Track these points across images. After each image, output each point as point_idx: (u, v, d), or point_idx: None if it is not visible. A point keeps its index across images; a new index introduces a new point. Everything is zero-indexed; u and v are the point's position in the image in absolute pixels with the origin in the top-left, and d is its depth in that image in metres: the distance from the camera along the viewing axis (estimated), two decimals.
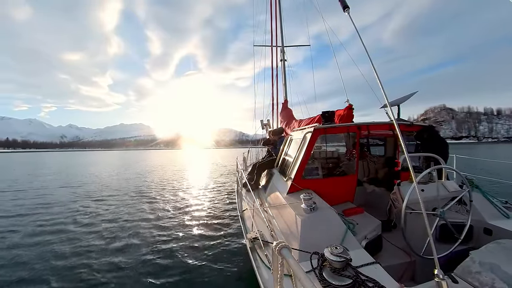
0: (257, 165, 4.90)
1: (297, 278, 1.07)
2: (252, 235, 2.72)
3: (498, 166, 15.75)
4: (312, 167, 3.55)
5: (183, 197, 9.65)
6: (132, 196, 9.69)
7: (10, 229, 5.95)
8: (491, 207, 2.78)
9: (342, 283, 1.45)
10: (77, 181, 14.28)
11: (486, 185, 3.53)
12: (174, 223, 6.34)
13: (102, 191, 11.01)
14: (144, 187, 11.91)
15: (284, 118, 7.18)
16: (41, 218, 6.83)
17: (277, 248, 1.29)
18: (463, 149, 40.01)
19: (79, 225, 6.15)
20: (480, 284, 1.51)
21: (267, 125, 8.63)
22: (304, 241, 2.19)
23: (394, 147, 4.03)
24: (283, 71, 8.85)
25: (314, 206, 2.48)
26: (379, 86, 1.58)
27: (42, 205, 8.39)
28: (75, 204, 8.45)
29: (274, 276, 1.41)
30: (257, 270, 2.19)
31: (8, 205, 8.44)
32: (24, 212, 7.54)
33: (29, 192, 11.04)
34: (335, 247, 1.53)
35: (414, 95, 3.89)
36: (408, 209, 2.13)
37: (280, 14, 9.15)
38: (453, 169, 2.48)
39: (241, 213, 3.79)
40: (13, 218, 6.87)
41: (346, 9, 2.02)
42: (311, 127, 3.34)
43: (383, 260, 2.28)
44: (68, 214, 7.18)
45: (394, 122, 1.59)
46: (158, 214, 7.07)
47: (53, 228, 5.96)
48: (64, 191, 11.01)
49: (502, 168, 14.80)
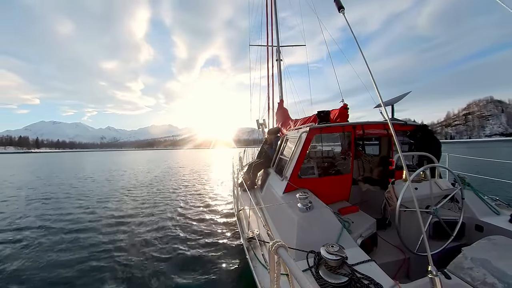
0: (253, 165, 4.90)
1: (294, 277, 1.07)
2: (249, 235, 2.72)
3: (498, 166, 15.51)
4: (307, 167, 3.56)
5: (190, 195, 9.80)
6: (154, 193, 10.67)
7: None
8: (482, 204, 2.84)
9: (338, 281, 1.46)
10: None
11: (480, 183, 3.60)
12: (173, 222, 6.31)
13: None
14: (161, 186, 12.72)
15: (280, 117, 7.20)
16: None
17: (274, 248, 1.29)
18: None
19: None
20: (472, 279, 1.55)
21: (263, 124, 8.64)
22: (300, 240, 2.20)
23: (388, 146, 4.08)
24: (279, 71, 8.88)
25: (310, 205, 2.49)
26: (378, 86, 1.60)
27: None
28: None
29: (271, 275, 1.41)
30: (254, 270, 2.19)
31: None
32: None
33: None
34: (331, 245, 1.54)
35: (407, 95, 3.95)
36: (402, 207, 2.16)
37: (276, 14, 9.17)
38: (445, 167, 2.53)
39: (237, 213, 3.79)
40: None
41: (341, 9, 2.03)
42: (307, 127, 3.35)
43: (378, 258, 2.31)
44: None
45: (388, 122, 1.61)
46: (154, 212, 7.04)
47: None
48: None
49: (502, 168, 14.66)
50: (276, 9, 9.20)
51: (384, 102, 1.66)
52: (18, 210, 7.87)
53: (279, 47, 8.95)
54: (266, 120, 8.77)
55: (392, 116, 3.92)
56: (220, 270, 3.92)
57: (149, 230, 5.78)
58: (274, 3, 9.21)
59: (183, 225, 6.16)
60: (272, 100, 8.95)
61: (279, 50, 8.93)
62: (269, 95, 9.02)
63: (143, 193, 10.64)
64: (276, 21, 9.14)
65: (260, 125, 8.64)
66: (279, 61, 8.86)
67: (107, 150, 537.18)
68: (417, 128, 3.58)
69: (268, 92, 9.06)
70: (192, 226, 6.03)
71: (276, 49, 8.94)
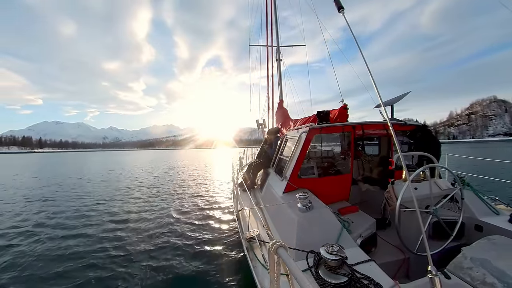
0: (253, 165, 4.90)
1: (294, 277, 1.07)
2: (249, 235, 2.73)
3: (498, 166, 15.45)
4: (307, 167, 3.57)
5: (186, 194, 9.80)
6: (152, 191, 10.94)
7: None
8: (482, 204, 2.84)
9: (338, 281, 1.46)
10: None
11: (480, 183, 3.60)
12: (173, 222, 6.31)
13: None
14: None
15: (280, 118, 7.20)
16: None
17: (274, 248, 1.29)
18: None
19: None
20: (472, 279, 1.55)
21: (262, 124, 8.64)
22: (300, 240, 2.20)
23: (388, 146, 4.09)
24: (278, 71, 8.88)
25: (310, 205, 2.49)
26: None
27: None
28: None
29: (271, 275, 1.41)
30: (253, 270, 2.19)
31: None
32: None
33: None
34: (331, 245, 1.54)
35: (407, 95, 3.95)
36: (402, 207, 2.16)
37: (275, 14, 9.17)
38: (445, 167, 2.53)
39: (237, 213, 3.79)
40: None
41: (341, 10, 2.04)
42: (307, 127, 3.35)
43: (378, 258, 2.31)
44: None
45: (388, 122, 1.61)
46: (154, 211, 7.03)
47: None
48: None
49: (502, 168, 14.57)
50: (276, 9, 9.21)
51: (383, 102, 1.67)
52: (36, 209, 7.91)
53: (278, 47, 8.96)
54: (266, 120, 8.78)
55: (392, 116, 3.92)
56: (219, 270, 3.92)
57: (149, 230, 5.78)
58: (274, 3, 9.22)
59: (183, 225, 6.15)
60: (272, 100, 8.96)
61: (278, 50, 8.93)
62: (269, 95, 9.04)
63: (143, 193, 10.64)
64: (276, 21, 9.15)
65: (260, 125, 8.65)
66: (279, 61, 8.86)
67: (109, 150, 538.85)
68: (417, 128, 3.58)
69: (268, 92, 9.08)
70: (192, 226, 6.02)
71: (276, 49, 8.95)
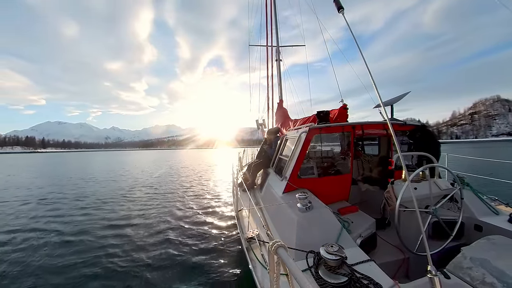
0: (253, 165, 4.90)
1: (293, 277, 1.07)
2: (248, 235, 2.72)
3: (498, 166, 15.36)
4: (307, 167, 3.57)
5: (184, 195, 9.75)
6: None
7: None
8: (482, 204, 2.84)
9: (338, 281, 1.46)
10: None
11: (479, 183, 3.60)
12: (173, 221, 6.32)
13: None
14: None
15: (280, 118, 7.20)
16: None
17: (273, 248, 1.29)
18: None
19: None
20: (471, 279, 1.55)
21: (262, 124, 8.64)
22: (300, 240, 2.20)
23: (387, 146, 4.09)
24: (278, 71, 8.88)
25: (310, 205, 2.49)
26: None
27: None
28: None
29: (271, 275, 1.41)
30: (253, 270, 2.19)
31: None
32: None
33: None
34: (331, 245, 1.54)
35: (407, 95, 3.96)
36: (402, 207, 2.16)
37: (275, 14, 9.17)
38: (444, 167, 2.53)
39: (237, 213, 3.79)
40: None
41: (340, 10, 2.04)
42: (306, 127, 3.35)
43: (378, 258, 2.31)
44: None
45: (388, 122, 1.61)
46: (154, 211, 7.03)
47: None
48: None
49: (502, 168, 14.45)
50: (276, 9, 9.21)
51: (383, 102, 1.67)
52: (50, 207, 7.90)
53: (278, 47, 8.96)
54: (265, 120, 8.78)
55: (392, 116, 3.92)
56: (219, 270, 3.91)
57: (149, 230, 5.78)
58: (274, 3, 9.21)
59: (183, 225, 6.15)
60: (272, 100, 8.96)
61: (278, 50, 8.93)
62: (269, 95, 9.05)
63: (143, 193, 10.65)
64: (276, 21, 9.15)
65: (259, 125, 8.65)
66: (279, 61, 8.86)
67: (111, 150, 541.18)
68: (416, 128, 3.58)
69: (267, 92, 9.08)
70: (192, 226, 6.02)
71: (276, 49, 8.95)
